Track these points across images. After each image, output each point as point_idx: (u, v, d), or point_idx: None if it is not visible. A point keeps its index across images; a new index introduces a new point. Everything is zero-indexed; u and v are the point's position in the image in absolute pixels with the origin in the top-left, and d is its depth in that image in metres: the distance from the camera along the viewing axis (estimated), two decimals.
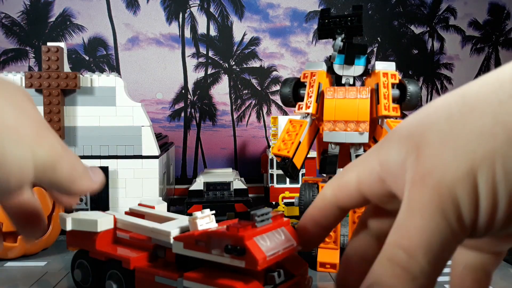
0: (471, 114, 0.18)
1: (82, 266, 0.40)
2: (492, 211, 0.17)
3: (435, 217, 0.17)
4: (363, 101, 0.51)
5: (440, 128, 0.18)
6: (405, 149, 0.19)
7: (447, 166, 0.17)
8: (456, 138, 0.18)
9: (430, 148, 0.18)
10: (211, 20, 1.07)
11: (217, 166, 1.03)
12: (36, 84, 0.64)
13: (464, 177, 0.17)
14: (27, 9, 1.01)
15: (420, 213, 0.18)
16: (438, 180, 0.18)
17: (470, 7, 1.13)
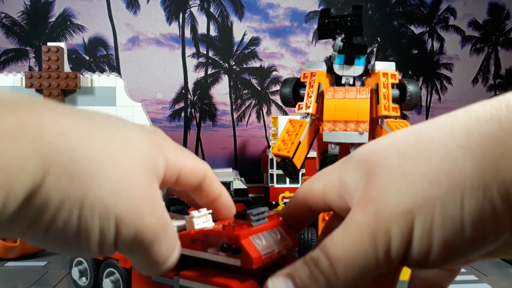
0: (421, 156, 0.19)
1: (80, 265, 0.40)
2: (425, 253, 0.18)
3: (365, 242, 0.18)
4: (363, 101, 0.51)
5: (391, 162, 0.19)
6: (359, 174, 0.21)
7: (388, 201, 0.18)
8: (403, 176, 0.19)
9: (379, 179, 0.19)
10: (211, 20, 1.07)
11: (217, 166, 1.03)
12: (37, 84, 0.64)
13: (402, 216, 0.18)
14: (27, 9, 1.02)
15: (354, 233, 0.19)
16: (377, 211, 0.19)
17: (470, 7, 1.13)
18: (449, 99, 1.15)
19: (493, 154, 0.17)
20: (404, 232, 0.18)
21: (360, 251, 0.18)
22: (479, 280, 0.47)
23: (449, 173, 0.18)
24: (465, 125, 0.18)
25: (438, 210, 0.17)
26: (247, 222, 0.26)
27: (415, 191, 0.18)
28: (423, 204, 0.18)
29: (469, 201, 0.17)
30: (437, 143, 0.18)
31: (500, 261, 0.54)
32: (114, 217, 0.19)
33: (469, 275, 0.49)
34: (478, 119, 0.18)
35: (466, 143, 0.18)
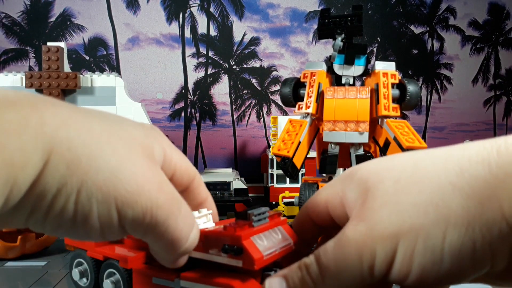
0: (414, 186, 0.20)
1: (80, 266, 0.40)
2: (403, 275, 0.20)
3: (352, 257, 0.20)
4: (363, 101, 0.51)
5: (387, 187, 0.21)
6: (359, 191, 0.22)
7: (378, 223, 0.20)
8: (395, 203, 0.20)
9: (373, 201, 0.21)
10: (211, 20, 1.07)
11: (217, 166, 1.03)
12: (36, 84, 0.64)
13: (387, 239, 0.20)
14: (27, 9, 1.02)
15: (344, 247, 0.21)
16: (367, 230, 0.20)
17: (470, 7, 1.13)
18: (449, 99, 1.15)
19: (480, 195, 0.19)
20: (387, 254, 0.20)
21: (347, 264, 0.20)
22: None
23: (436, 206, 0.19)
24: (458, 164, 0.20)
25: (421, 238, 0.19)
26: (248, 223, 0.26)
27: (403, 218, 0.20)
28: (408, 231, 0.19)
29: (452, 234, 0.19)
30: (430, 177, 0.20)
31: None
32: (114, 201, 0.19)
33: None
34: (470, 160, 0.20)
35: (456, 181, 0.19)
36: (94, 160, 0.19)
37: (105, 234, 0.20)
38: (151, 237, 0.21)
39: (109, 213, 0.19)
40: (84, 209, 0.19)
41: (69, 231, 0.20)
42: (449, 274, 0.19)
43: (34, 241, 0.53)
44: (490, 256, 0.18)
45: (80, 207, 0.19)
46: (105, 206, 0.19)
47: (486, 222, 0.18)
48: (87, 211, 0.19)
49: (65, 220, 0.19)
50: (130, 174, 0.20)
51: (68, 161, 0.18)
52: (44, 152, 0.18)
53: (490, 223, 0.18)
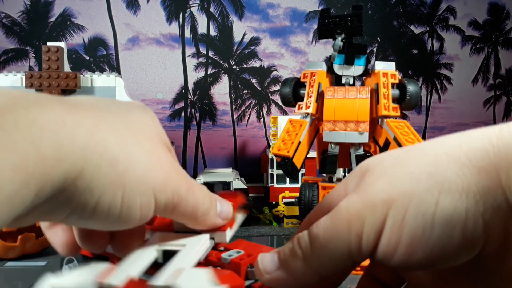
0: (410, 160, 0.20)
1: (70, 263, 0.41)
2: (392, 248, 0.19)
3: (342, 225, 0.20)
4: (363, 101, 0.51)
5: (385, 164, 0.21)
6: (358, 177, 0.23)
7: (371, 192, 0.20)
8: (391, 174, 0.20)
9: (370, 177, 0.21)
10: (211, 20, 1.07)
11: (217, 166, 1.03)
12: (36, 84, 0.64)
13: (377, 205, 0.19)
14: (27, 9, 1.02)
15: (335, 216, 0.21)
16: (358, 199, 0.20)
17: (470, 7, 1.13)
18: (449, 99, 1.15)
19: (476, 164, 0.18)
20: (377, 220, 0.19)
21: (335, 232, 0.20)
22: None
23: (431, 174, 0.19)
24: (457, 141, 0.20)
25: (413, 204, 0.19)
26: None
27: (396, 185, 0.20)
28: (400, 196, 0.19)
29: (444, 200, 0.18)
30: (428, 151, 0.20)
31: None
32: (152, 190, 0.22)
33: None
34: (470, 137, 0.20)
35: (453, 153, 0.19)
36: (129, 158, 0.21)
37: (141, 221, 0.22)
38: (177, 212, 0.24)
39: (149, 202, 0.22)
40: (130, 203, 0.21)
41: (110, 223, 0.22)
42: (439, 244, 0.18)
43: (34, 241, 0.53)
44: (482, 228, 0.18)
45: (126, 201, 0.21)
46: (146, 197, 0.22)
47: (481, 189, 0.18)
48: (133, 204, 0.21)
49: (111, 215, 0.21)
50: (159, 165, 0.22)
51: (109, 159, 0.20)
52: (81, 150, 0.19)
53: (486, 190, 0.18)
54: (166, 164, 0.23)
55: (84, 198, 0.20)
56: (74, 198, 0.19)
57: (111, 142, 0.20)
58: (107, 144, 0.20)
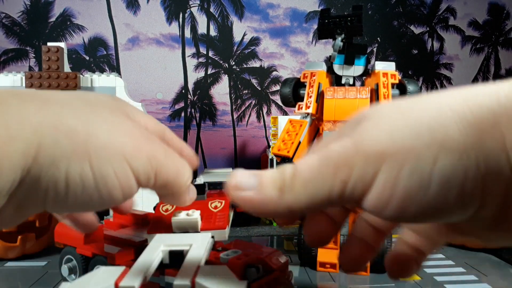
0: (412, 111, 0.19)
1: (69, 263, 0.41)
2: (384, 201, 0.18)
3: (328, 167, 0.19)
4: (363, 101, 0.51)
5: (384, 111, 0.20)
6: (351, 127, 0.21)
7: (365, 139, 0.18)
8: (389, 123, 0.19)
9: (367, 122, 0.19)
10: (211, 20, 1.07)
11: (217, 166, 1.03)
12: (36, 84, 0.64)
13: (371, 157, 0.18)
14: (27, 9, 1.02)
15: (323, 157, 0.19)
16: (351, 144, 0.19)
17: (470, 7, 1.13)
18: None
19: (481, 123, 0.17)
20: (367, 172, 0.18)
21: (320, 174, 0.19)
22: (479, 280, 0.47)
23: (432, 130, 0.17)
24: (463, 95, 0.18)
25: (410, 160, 0.17)
26: None
27: (394, 138, 0.18)
28: (397, 151, 0.18)
29: (444, 159, 0.17)
30: (432, 103, 0.19)
31: (500, 261, 0.54)
32: (123, 156, 0.21)
33: (469, 275, 0.49)
34: (477, 92, 0.18)
35: (458, 109, 0.18)
36: (89, 128, 0.20)
37: (125, 191, 0.22)
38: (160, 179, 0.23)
39: (124, 169, 0.21)
40: (102, 171, 0.20)
41: (93, 200, 0.21)
42: (433, 204, 0.17)
43: (34, 241, 0.53)
44: (480, 191, 0.17)
45: (96, 169, 0.20)
46: (118, 164, 0.21)
47: (483, 151, 0.17)
48: (105, 171, 0.21)
49: (87, 188, 0.20)
50: (125, 133, 0.22)
51: (65, 132, 0.20)
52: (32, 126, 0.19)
53: (488, 152, 0.17)
54: (134, 132, 0.23)
55: (52, 174, 0.19)
56: (42, 177, 0.19)
57: (66, 114, 0.20)
58: (61, 118, 0.20)
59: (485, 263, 0.53)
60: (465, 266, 0.52)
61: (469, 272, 0.50)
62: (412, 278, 0.48)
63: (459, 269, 0.51)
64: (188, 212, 0.31)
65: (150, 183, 0.23)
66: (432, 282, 0.47)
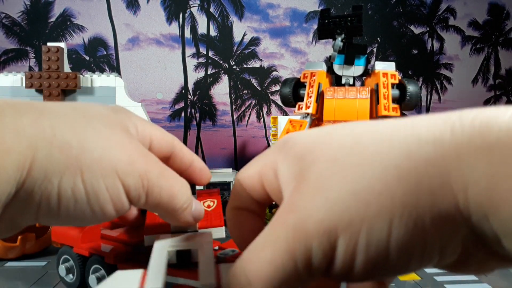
0: (353, 170, 0.17)
1: (66, 262, 0.41)
2: (347, 270, 0.17)
3: (284, 255, 0.17)
4: (363, 101, 0.51)
5: (322, 169, 0.18)
6: (293, 170, 0.19)
7: (311, 214, 0.17)
8: (330, 189, 0.17)
9: (306, 187, 0.18)
10: (211, 20, 1.07)
11: (217, 166, 1.03)
12: (36, 84, 0.64)
13: (324, 234, 0.17)
14: (27, 9, 1.02)
15: (273, 246, 0.17)
16: (299, 223, 0.17)
17: (470, 7, 1.13)
18: (449, 99, 1.15)
19: (430, 182, 0.16)
20: (325, 250, 0.17)
21: (278, 267, 0.17)
22: (479, 280, 0.47)
23: (379, 195, 0.16)
24: (406, 143, 0.17)
25: (363, 233, 0.16)
26: None
27: (341, 210, 0.17)
28: (348, 225, 0.16)
29: (398, 228, 0.16)
30: (372, 158, 0.17)
31: None
32: (115, 173, 0.21)
33: (469, 275, 0.49)
34: (420, 138, 0.16)
35: (403, 164, 0.16)
36: (83, 142, 0.20)
37: (117, 207, 0.22)
38: (152, 200, 0.23)
39: (115, 184, 0.21)
40: (93, 186, 0.20)
41: (85, 214, 0.21)
42: (395, 267, 0.17)
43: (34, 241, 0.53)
44: (439, 250, 0.16)
45: (88, 184, 0.20)
46: (110, 180, 0.21)
47: (438, 214, 0.15)
48: (96, 186, 0.20)
49: (79, 202, 0.20)
50: (120, 148, 0.22)
51: (59, 146, 0.19)
52: (27, 139, 0.19)
53: (443, 215, 0.15)
54: (129, 148, 0.22)
55: (45, 188, 0.19)
56: (35, 191, 0.19)
57: (61, 128, 0.20)
58: (55, 131, 0.20)
59: None
60: None
61: None
62: (412, 278, 0.48)
63: None
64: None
65: (140, 202, 0.23)
66: (432, 282, 0.47)
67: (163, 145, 0.27)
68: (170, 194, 0.24)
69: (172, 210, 0.24)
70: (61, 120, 0.20)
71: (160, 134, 0.27)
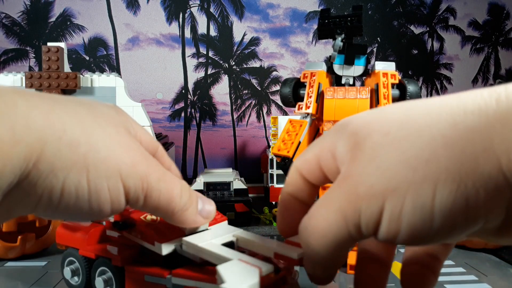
0: (403, 141, 0.18)
1: (71, 265, 0.41)
2: (392, 234, 0.19)
3: (336, 214, 0.19)
4: (363, 101, 0.51)
5: (375, 141, 0.19)
6: (348, 145, 0.21)
7: (364, 180, 0.19)
8: (382, 159, 0.19)
9: (361, 157, 0.20)
10: (211, 20, 1.07)
11: (217, 166, 1.03)
12: (36, 84, 0.64)
13: (373, 197, 0.18)
14: (27, 9, 1.02)
15: (327, 205, 0.20)
16: (351, 187, 0.19)
17: (470, 7, 1.13)
18: None
19: (474, 148, 0.17)
20: (373, 213, 0.18)
21: (331, 224, 0.20)
22: (479, 280, 0.47)
23: (426, 162, 0.17)
24: (451, 115, 0.18)
25: (409, 197, 0.18)
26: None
27: (390, 176, 0.18)
28: (395, 189, 0.18)
29: (442, 192, 0.17)
30: (421, 130, 0.18)
31: (500, 261, 0.54)
32: (119, 174, 0.21)
33: (469, 275, 0.49)
34: (465, 110, 0.18)
35: (449, 134, 0.17)
36: (91, 140, 0.21)
37: (114, 207, 0.22)
38: (150, 202, 0.23)
39: (117, 185, 0.22)
40: (97, 185, 0.21)
41: (82, 211, 0.21)
42: (440, 232, 0.18)
43: (34, 241, 0.53)
44: (484, 212, 0.17)
45: (92, 184, 0.21)
46: (113, 180, 0.21)
47: (480, 177, 0.16)
48: (100, 186, 0.21)
49: (80, 200, 0.21)
50: (124, 149, 0.22)
51: (68, 142, 0.20)
52: (37, 132, 0.19)
53: (486, 178, 0.16)
54: (133, 150, 0.23)
55: (50, 182, 0.19)
56: (39, 184, 0.19)
57: (70, 124, 0.20)
58: (65, 127, 0.20)
59: (485, 263, 0.53)
60: (465, 266, 0.52)
61: (469, 272, 0.50)
62: None
63: (459, 269, 0.51)
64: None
65: (138, 204, 0.23)
66: None
67: (150, 149, 0.27)
68: (168, 197, 0.24)
69: (172, 213, 0.25)
70: (71, 116, 0.21)
71: (148, 138, 0.28)
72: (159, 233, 0.30)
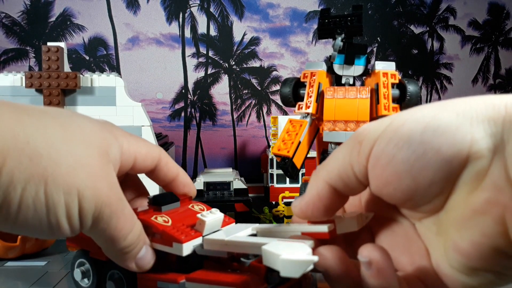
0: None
1: (82, 266, 0.40)
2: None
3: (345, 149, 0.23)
4: (363, 101, 0.51)
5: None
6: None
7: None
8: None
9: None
10: (211, 20, 1.07)
11: (217, 166, 1.03)
12: (36, 84, 0.64)
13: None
14: (27, 9, 1.02)
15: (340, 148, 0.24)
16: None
17: (470, 7, 1.13)
18: (449, 99, 1.15)
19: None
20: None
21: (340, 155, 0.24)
22: None
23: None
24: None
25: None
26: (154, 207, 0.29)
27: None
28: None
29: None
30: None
31: None
32: (76, 192, 0.21)
33: None
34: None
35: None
36: (54, 155, 0.21)
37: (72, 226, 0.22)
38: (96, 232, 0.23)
39: (73, 204, 0.21)
40: (54, 199, 0.21)
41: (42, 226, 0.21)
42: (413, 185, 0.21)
43: (34, 241, 0.53)
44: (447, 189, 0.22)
45: (50, 197, 0.20)
46: (70, 197, 0.21)
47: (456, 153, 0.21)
48: (57, 200, 0.21)
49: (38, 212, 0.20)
50: (87, 171, 0.22)
51: (30, 155, 0.20)
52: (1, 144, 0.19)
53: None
54: (98, 175, 0.22)
55: (8, 193, 0.19)
56: None
57: (35, 137, 0.20)
58: (29, 139, 0.20)
59: None
60: None
61: None
62: None
63: None
64: (212, 211, 0.31)
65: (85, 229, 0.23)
66: None
67: (148, 162, 0.27)
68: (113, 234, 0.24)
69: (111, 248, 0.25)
70: (38, 129, 0.21)
71: (145, 150, 0.27)
72: (178, 233, 0.29)
